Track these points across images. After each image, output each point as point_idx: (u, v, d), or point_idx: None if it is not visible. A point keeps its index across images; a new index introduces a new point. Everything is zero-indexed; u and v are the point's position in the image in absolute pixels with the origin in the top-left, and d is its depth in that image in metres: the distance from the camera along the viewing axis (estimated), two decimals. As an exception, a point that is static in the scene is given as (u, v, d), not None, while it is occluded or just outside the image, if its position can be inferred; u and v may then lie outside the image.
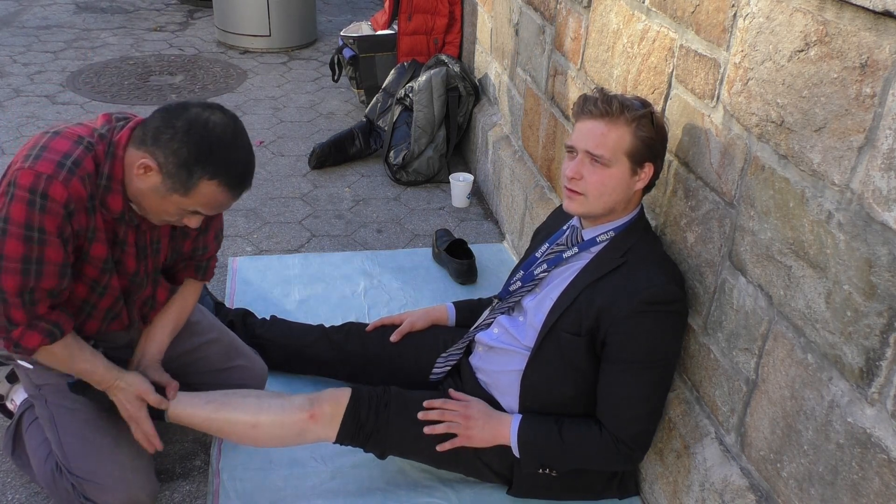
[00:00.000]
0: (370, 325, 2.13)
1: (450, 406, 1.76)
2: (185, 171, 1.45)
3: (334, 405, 1.72)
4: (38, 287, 1.47)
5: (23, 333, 1.50)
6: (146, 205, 1.52)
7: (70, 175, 1.43)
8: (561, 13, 2.45)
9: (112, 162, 1.49)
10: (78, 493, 1.67)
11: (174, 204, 1.50)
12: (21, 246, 1.43)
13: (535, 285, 1.80)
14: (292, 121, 4.10)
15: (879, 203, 1.11)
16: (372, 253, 2.89)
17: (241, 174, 1.51)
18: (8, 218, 1.42)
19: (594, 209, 1.65)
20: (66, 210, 1.43)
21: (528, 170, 2.85)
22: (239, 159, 1.50)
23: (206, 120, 1.46)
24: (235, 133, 1.50)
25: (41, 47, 4.99)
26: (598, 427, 1.67)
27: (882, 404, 1.13)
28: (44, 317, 1.52)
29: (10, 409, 1.95)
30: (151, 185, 1.48)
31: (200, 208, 1.51)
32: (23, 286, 1.45)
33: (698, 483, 1.61)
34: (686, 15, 1.67)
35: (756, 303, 1.44)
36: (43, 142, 1.47)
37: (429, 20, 3.94)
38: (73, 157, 1.45)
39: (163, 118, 1.47)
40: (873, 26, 1.11)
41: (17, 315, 1.49)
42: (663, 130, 1.64)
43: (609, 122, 1.58)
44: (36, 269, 1.45)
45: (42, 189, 1.41)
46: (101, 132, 1.52)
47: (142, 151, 1.47)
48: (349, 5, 6.43)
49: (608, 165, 1.59)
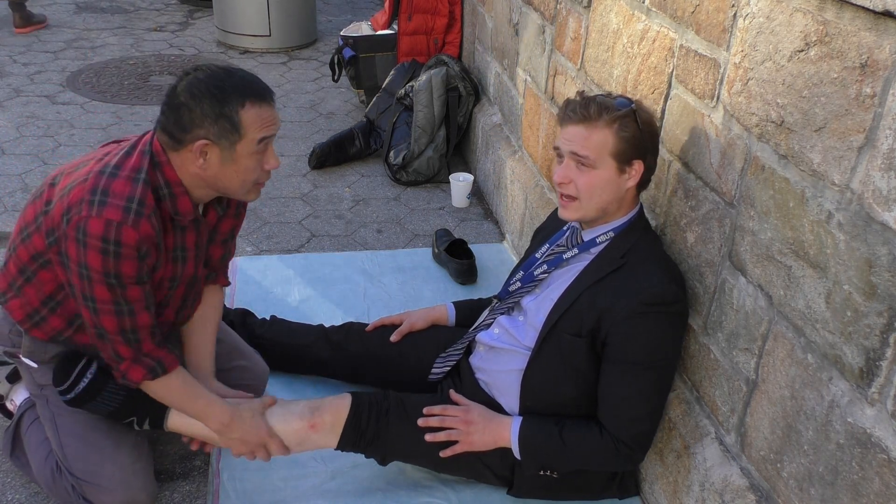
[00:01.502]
0: (370, 325, 2.13)
1: (449, 412, 1.76)
2: (224, 119, 1.47)
3: (334, 414, 1.73)
4: (136, 325, 1.53)
5: (129, 367, 1.57)
6: (229, 182, 1.54)
7: (138, 218, 1.46)
8: (561, 13, 2.45)
9: (161, 170, 1.53)
10: (77, 494, 1.67)
11: (244, 155, 1.51)
12: (106, 290, 1.48)
13: (534, 286, 1.80)
14: (292, 121, 4.10)
15: (879, 203, 1.11)
16: (372, 253, 2.89)
17: (258, 86, 1.54)
18: (87, 265, 1.46)
19: (588, 212, 1.65)
20: (139, 252, 1.47)
21: (528, 170, 2.85)
22: (246, 78, 1.54)
23: (197, 77, 1.50)
24: (223, 68, 1.54)
25: (41, 47, 4.99)
26: (599, 428, 1.67)
27: (882, 404, 1.13)
28: (149, 353, 1.58)
29: (10, 410, 1.95)
30: (217, 158, 1.50)
31: (261, 134, 1.52)
32: (120, 325, 1.52)
33: (698, 483, 1.61)
34: (686, 15, 1.67)
35: (756, 303, 1.44)
36: (102, 184, 1.48)
37: (429, 20, 3.94)
38: (137, 197, 1.48)
39: (168, 110, 1.49)
40: (873, 26, 1.11)
41: (124, 351, 1.56)
42: (651, 126, 1.63)
43: (589, 126, 1.59)
44: (128, 309, 1.51)
45: (114, 237, 1.44)
46: (149, 154, 1.54)
47: (185, 147, 1.50)
48: (349, 5, 6.43)
49: (594, 167, 1.60)
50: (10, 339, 1.72)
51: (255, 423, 1.68)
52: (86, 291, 1.49)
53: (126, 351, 1.55)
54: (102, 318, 1.51)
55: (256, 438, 1.68)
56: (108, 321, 1.51)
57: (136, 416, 1.70)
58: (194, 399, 1.65)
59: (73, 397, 1.65)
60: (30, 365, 1.70)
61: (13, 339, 1.71)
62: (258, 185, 1.59)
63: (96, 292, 1.48)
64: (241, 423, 1.67)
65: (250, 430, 1.67)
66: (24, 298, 1.62)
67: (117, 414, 1.69)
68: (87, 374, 1.65)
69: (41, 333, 1.65)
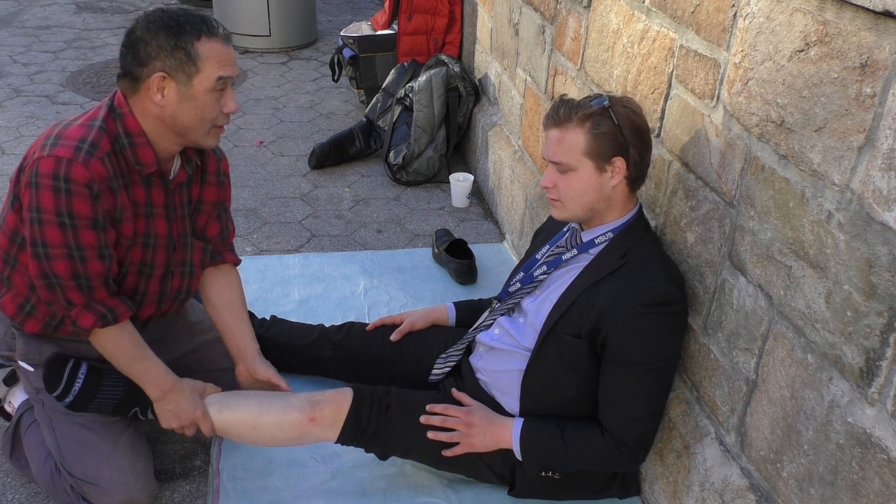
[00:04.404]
0: (370, 325, 2.13)
1: (451, 412, 1.76)
2: (180, 51, 1.49)
3: (335, 408, 1.73)
4: (88, 272, 1.53)
5: (79, 313, 1.56)
6: (188, 120, 1.55)
7: (88, 156, 1.48)
8: (561, 13, 2.45)
9: (123, 120, 1.55)
10: (77, 495, 1.67)
11: (202, 91, 1.52)
12: (58, 232, 1.48)
13: (534, 287, 1.80)
14: (292, 121, 4.10)
15: (879, 203, 1.11)
16: (372, 253, 2.89)
17: (212, 23, 1.56)
18: (40, 207, 1.47)
19: (574, 213, 1.67)
20: (91, 191, 1.48)
21: (528, 170, 2.85)
22: (203, 16, 1.57)
23: (152, 13, 1.53)
24: (181, 8, 1.58)
25: (41, 47, 5.00)
26: (601, 429, 1.67)
27: (882, 404, 1.13)
28: (101, 301, 1.57)
29: (9, 412, 1.95)
30: (175, 93, 1.52)
31: (219, 72, 1.53)
32: (73, 270, 1.51)
33: (698, 483, 1.61)
34: (686, 15, 1.67)
35: (756, 303, 1.44)
36: (57, 132, 1.52)
37: (429, 20, 3.94)
38: (90, 139, 1.51)
39: (126, 49, 1.53)
40: (873, 26, 1.11)
41: (75, 297, 1.55)
42: (632, 122, 1.60)
43: (562, 128, 1.61)
44: (79, 255, 1.51)
45: (64, 174, 1.45)
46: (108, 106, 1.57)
47: (143, 84, 1.52)
48: (349, 5, 6.43)
49: (573, 169, 1.61)
50: (5, 342, 1.72)
51: (192, 400, 1.69)
52: (37, 237, 1.49)
53: (78, 297, 1.54)
54: (54, 264, 1.50)
55: (189, 416, 1.69)
56: (61, 266, 1.51)
57: (138, 405, 1.70)
58: (140, 360, 1.65)
59: (73, 401, 1.64)
60: (26, 368, 1.70)
61: (9, 343, 1.71)
62: (217, 129, 1.60)
63: (48, 236, 1.48)
64: (180, 397, 1.67)
65: (186, 407, 1.68)
66: (14, 290, 1.63)
67: (120, 407, 1.69)
68: (79, 376, 1.65)
69: (35, 324, 1.65)
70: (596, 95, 1.64)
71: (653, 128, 1.83)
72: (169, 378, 1.67)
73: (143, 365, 1.65)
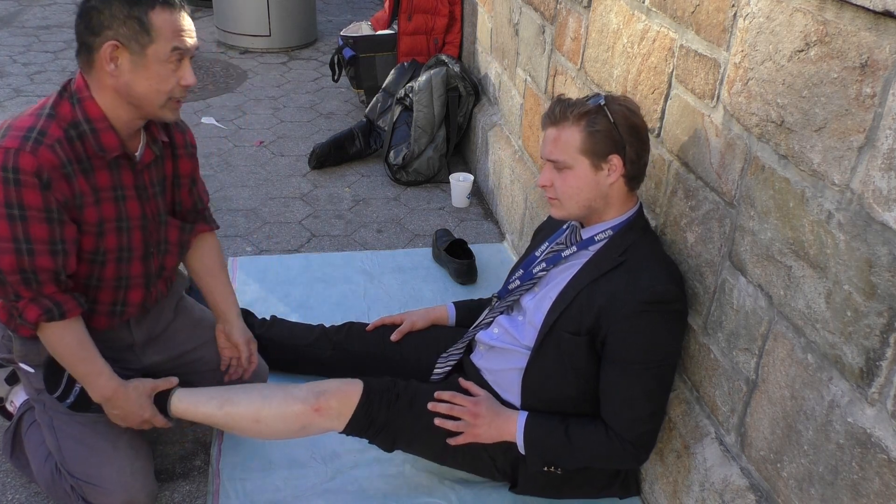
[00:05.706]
0: (370, 325, 2.13)
1: (458, 401, 1.76)
2: (133, 21, 1.46)
3: (342, 399, 1.72)
4: (36, 267, 1.50)
5: (26, 306, 1.54)
6: (143, 90, 1.52)
7: (36, 145, 1.46)
8: (561, 13, 2.45)
9: (82, 105, 1.53)
10: (77, 495, 1.67)
11: (156, 61, 1.49)
12: (6, 226, 1.46)
13: (533, 284, 1.80)
14: (292, 121, 4.10)
15: (879, 203, 1.11)
16: (372, 253, 2.89)
17: None
18: None
19: (572, 211, 1.68)
20: (40, 180, 1.45)
21: (528, 170, 2.85)
22: None
23: None
24: None
25: (41, 47, 5.00)
26: (605, 426, 1.67)
27: (882, 404, 1.13)
28: (50, 296, 1.55)
29: (10, 411, 1.95)
30: (128, 62, 1.48)
31: (174, 42, 1.50)
32: (19, 265, 1.49)
33: (698, 483, 1.61)
34: (686, 15, 1.67)
35: (756, 303, 1.44)
36: (7, 124, 1.50)
37: (429, 20, 3.94)
38: (38, 128, 1.48)
39: (80, 20, 1.49)
40: (873, 26, 1.11)
41: (23, 291, 1.53)
42: (628, 119, 1.61)
43: (558, 127, 1.63)
44: (27, 248, 1.49)
45: (12, 164, 1.44)
46: (59, 92, 1.55)
47: (96, 54, 1.49)
48: (349, 5, 6.43)
49: (569, 167, 1.62)
50: (4, 344, 1.72)
51: (138, 403, 1.67)
52: None
53: (25, 292, 1.52)
54: (1, 258, 1.48)
55: (136, 419, 1.68)
56: (5, 260, 1.48)
57: None
58: (84, 362, 1.62)
59: (74, 401, 1.64)
60: (26, 370, 1.70)
61: (7, 345, 1.71)
62: (174, 102, 1.57)
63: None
64: (125, 402, 1.65)
65: (132, 410, 1.66)
66: None
67: None
68: None
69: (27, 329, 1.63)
70: (593, 95, 1.65)
71: (653, 128, 1.83)
72: (111, 384, 1.64)
73: (87, 367, 1.62)
